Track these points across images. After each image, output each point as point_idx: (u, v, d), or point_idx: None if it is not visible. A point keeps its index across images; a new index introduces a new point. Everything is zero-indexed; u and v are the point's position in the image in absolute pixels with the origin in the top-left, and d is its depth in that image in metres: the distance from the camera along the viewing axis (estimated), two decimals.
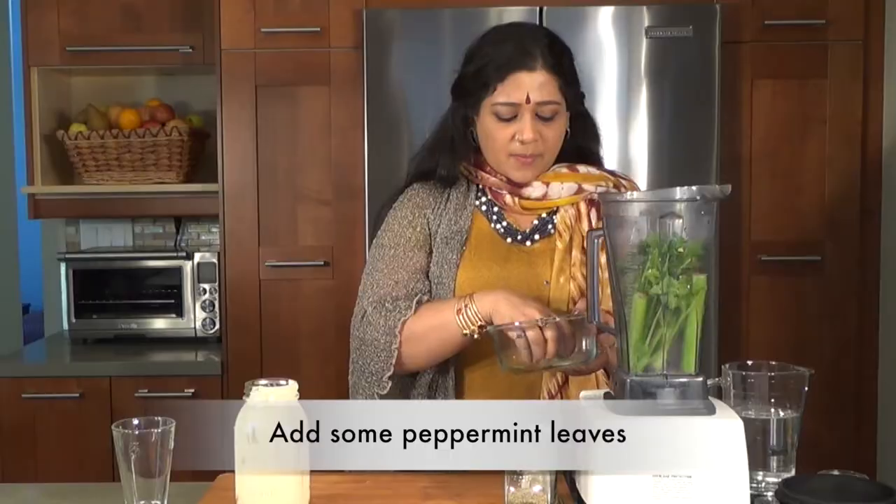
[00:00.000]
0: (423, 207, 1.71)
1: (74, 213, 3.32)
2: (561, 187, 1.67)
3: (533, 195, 1.68)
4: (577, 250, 1.64)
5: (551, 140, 1.64)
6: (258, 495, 1.28)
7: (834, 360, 2.82)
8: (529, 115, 1.61)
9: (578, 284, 1.63)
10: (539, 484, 1.27)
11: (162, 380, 2.87)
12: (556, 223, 1.68)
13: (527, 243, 1.69)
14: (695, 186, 1.24)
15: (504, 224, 1.71)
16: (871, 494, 1.18)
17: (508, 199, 1.69)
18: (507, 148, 1.64)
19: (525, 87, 1.59)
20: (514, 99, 1.60)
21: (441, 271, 1.66)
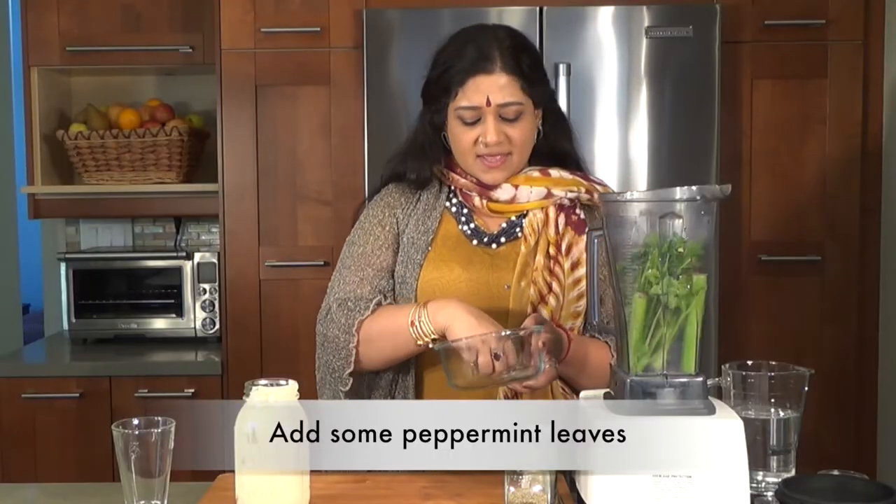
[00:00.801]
0: (393, 207, 1.73)
1: (74, 213, 3.32)
2: (530, 191, 1.67)
3: (501, 198, 1.68)
4: (541, 255, 1.64)
5: (518, 140, 1.64)
6: (258, 495, 1.28)
7: (834, 360, 2.82)
8: (492, 118, 1.61)
9: (539, 289, 1.63)
10: (539, 484, 1.27)
11: (162, 380, 2.87)
12: (524, 227, 1.68)
13: (493, 246, 1.69)
14: (695, 186, 1.24)
15: (472, 226, 1.71)
16: (871, 494, 1.18)
17: (477, 202, 1.70)
18: (473, 150, 1.64)
19: (484, 90, 1.60)
20: (475, 102, 1.61)
21: (405, 271, 1.67)
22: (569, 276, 1.64)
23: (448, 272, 1.65)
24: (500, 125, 1.62)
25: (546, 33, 2.69)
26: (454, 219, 1.72)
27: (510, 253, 1.67)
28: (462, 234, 1.71)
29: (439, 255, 1.68)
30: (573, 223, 1.67)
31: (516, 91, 1.61)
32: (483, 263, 1.67)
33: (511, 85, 1.61)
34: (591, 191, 1.69)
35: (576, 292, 1.64)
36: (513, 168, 1.67)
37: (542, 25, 2.69)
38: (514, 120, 1.63)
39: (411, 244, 1.69)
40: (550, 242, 1.65)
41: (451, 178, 1.72)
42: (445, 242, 1.69)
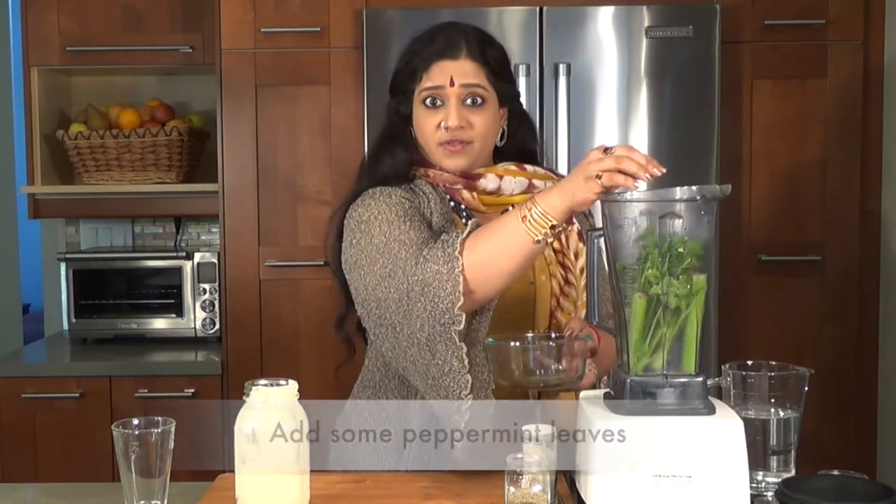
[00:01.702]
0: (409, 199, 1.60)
1: (74, 213, 3.32)
2: (513, 182, 1.65)
3: (489, 187, 1.64)
4: (548, 248, 1.63)
5: (480, 128, 1.62)
6: (258, 495, 1.28)
7: (834, 360, 2.82)
8: (455, 101, 1.60)
9: (559, 282, 1.63)
10: (539, 484, 1.27)
11: (162, 380, 2.87)
12: None
13: None
14: (695, 186, 1.24)
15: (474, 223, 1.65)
16: (871, 494, 1.18)
17: (466, 195, 1.65)
18: (435, 136, 1.62)
19: (449, 71, 1.60)
20: (439, 82, 1.60)
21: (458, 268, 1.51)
22: (575, 265, 1.66)
23: None
24: (462, 110, 1.61)
25: (546, 33, 2.69)
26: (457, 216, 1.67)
27: None
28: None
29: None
30: None
31: (481, 77, 1.61)
32: None
33: (476, 71, 1.61)
34: None
35: (583, 282, 1.65)
36: (474, 156, 1.63)
37: (542, 25, 2.69)
38: (478, 106, 1.62)
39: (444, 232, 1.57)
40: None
41: (433, 176, 1.66)
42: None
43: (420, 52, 1.64)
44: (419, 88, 1.63)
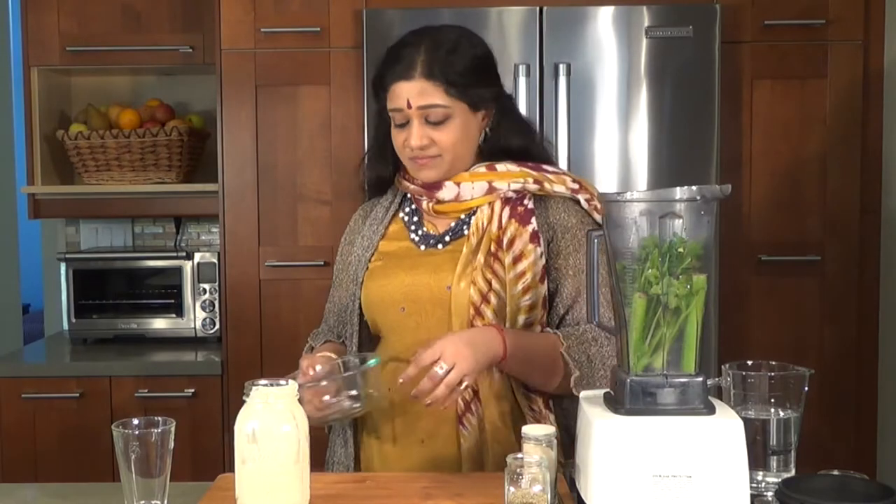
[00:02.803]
0: (352, 233, 1.82)
1: (74, 213, 3.32)
2: (472, 187, 1.66)
3: (446, 197, 1.68)
4: (482, 253, 1.63)
5: (445, 143, 1.63)
6: (258, 495, 1.28)
7: (834, 360, 2.82)
8: (417, 121, 1.63)
9: (479, 289, 1.61)
10: (539, 484, 1.27)
11: (162, 380, 2.87)
12: (470, 225, 1.67)
13: (439, 246, 1.70)
14: (695, 186, 1.24)
15: (420, 233, 1.73)
16: (871, 494, 1.18)
17: (425, 205, 1.71)
18: (405, 153, 1.67)
19: (405, 93, 1.62)
20: (398, 105, 1.63)
21: (355, 289, 1.72)
22: (510, 270, 1.62)
23: (394, 278, 1.67)
24: (425, 128, 1.63)
25: (546, 33, 2.69)
26: (406, 227, 1.74)
27: (454, 253, 1.66)
28: (412, 242, 1.72)
29: (386, 266, 1.70)
30: (518, 215, 1.65)
31: (439, 95, 1.61)
32: (426, 266, 1.67)
33: (433, 90, 1.61)
34: (541, 180, 1.67)
35: (520, 286, 1.62)
36: (445, 168, 1.66)
37: (542, 25, 2.69)
38: (441, 123, 1.62)
39: (357, 262, 1.74)
40: (492, 239, 1.64)
41: (403, 185, 1.75)
42: (395, 252, 1.72)
43: (383, 73, 1.67)
44: (387, 106, 1.67)
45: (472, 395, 1.60)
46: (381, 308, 1.68)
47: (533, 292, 1.62)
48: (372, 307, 1.70)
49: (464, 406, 1.60)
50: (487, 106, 1.68)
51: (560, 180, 1.68)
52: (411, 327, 1.65)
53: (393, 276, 1.67)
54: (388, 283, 1.67)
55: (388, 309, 1.67)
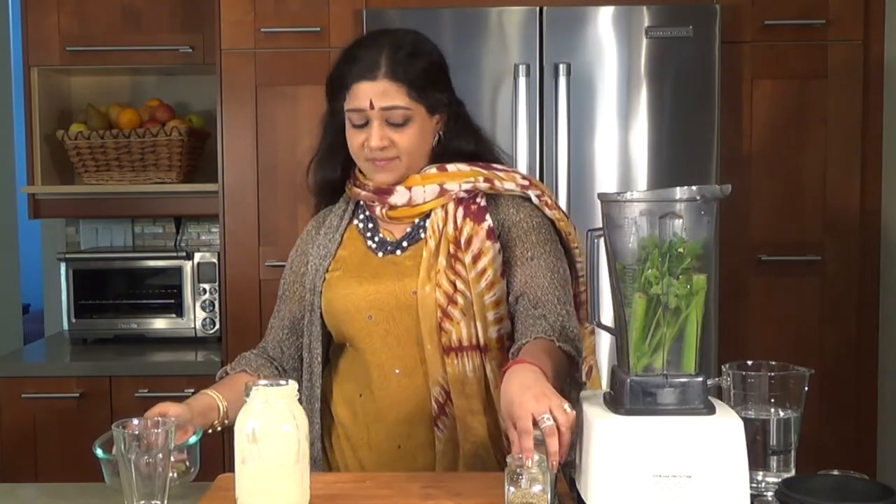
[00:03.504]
0: (305, 242, 1.79)
1: (74, 213, 3.32)
2: (423, 190, 1.65)
3: (398, 202, 1.67)
4: (443, 255, 1.62)
5: (404, 145, 1.63)
6: (258, 495, 1.28)
7: (834, 359, 2.82)
8: (378, 122, 1.62)
9: (445, 291, 1.60)
10: (539, 484, 1.27)
11: (162, 380, 2.87)
12: (426, 229, 1.67)
13: (397, 252, 1.69)
14: (695, 186, 1.24)
15: (377, 239, 1.71)
16: (871, 494, 1.18)
17: (378, 211, 1.69)
18: (362, 154, 1.65)
19: (368, 94, 1.61)
20: (359, 105, 1.62)
21: (312, 298, 1.70)
22: (471, 269, 1.61)
23: (357, 287, 1.65)
24: (385, 130, 1.62)
25: (546, 33, 2.69)
26: (361, 235, 1.73)
27: (415, 258, 1.66)
28: (369, 249, 1.71)
29: (348, 274, 1.68)
30: (472, 213, 1.65)
31: (401, 97, 1.61)
32: (389, 273, 1.66)
33: (395, 91, 1.61)
34: (491, 178, 1.66)
35: (483, 284, 1.61)
36: (402, 170, 1.65)
37: (542, 25, 2.69)
38: (401, 125, 1.62)
39: (314, 271, 1.72)
40: (450, 240, 1.63)
41: (354, 192, 1.73)
42: (353, 260, 1.70)
43: (342, 71, 1.65)
44: (345, 106, 1.65)
45: (444, 396, 1.61)
46: (347, 317, 1.66)
47: (497, 288, 1.62)
48: (336, 316, 1.67)
49: (437, 408, 1.61)
50: (442, 111, 1.68)
51: (510, 177, 1.68)
52: (380, 334, 1.64)
53: (356, 285, 1.66)
54: (351, 292, 1.65)
55: (353, 318, 1.65)
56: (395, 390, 1.63)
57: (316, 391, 1.69)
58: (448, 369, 1.60)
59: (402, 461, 1.64)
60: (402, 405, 1.63)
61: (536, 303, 1.60)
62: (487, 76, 2.68)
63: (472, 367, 1.60)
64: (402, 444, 1.64)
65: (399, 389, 1.63)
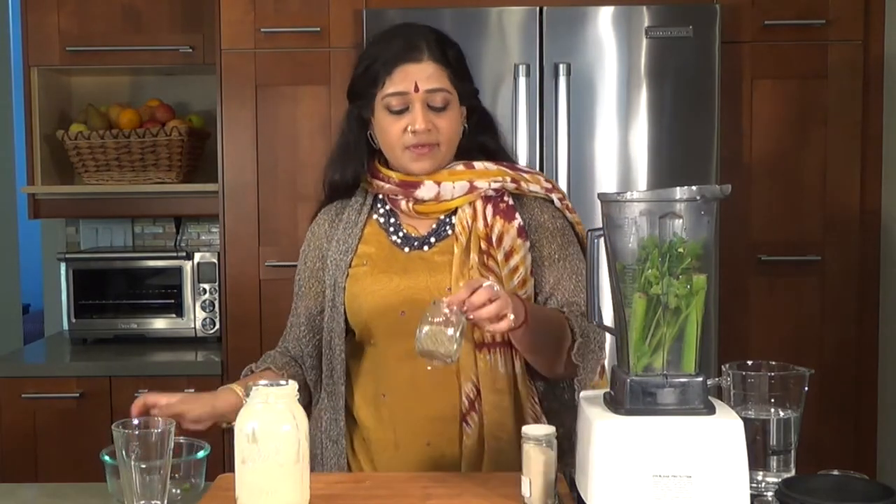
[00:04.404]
0: (318, 238, 1.75)
1: (74, 213, 3.32)
2: (453, 187, 1.65)
3: (425, 196, 1.65)
4: (474, 252, 1.62)
5: (445, 130, 1.62)
6: (258, 495, 1.28)
7: (834, 360, 2.82)
8: (420, 105, 1.60)
9: None
10: (452, 328, 1.30)
11: (162, 380, 2.87)
12: (455, 225, 1.66)
13: (424, 248, 1.67)
14: (695, 186, 1.24)
15: (401, 234, 1.69)
16: (871, 494, 1.18)
17: (403, 205, 1.67)
18: (402, 141, 1.62)
19: (413, 76, 1.60)
20: (403, 88, 1.60)
21: (334, 294, 1.67)
22: (503, 266, 1.62)
23: (387, 283, 1.64)
24: (427, 113, 1.61)
25: (546, 33, 2.69)
26: (383, 230, 1.70)
27: (445, 254, 1.65)
28: (393, 244, 1.69)
29: (376, 269, 1.66)
30: (501, 211, 1.65)
31: (444, 80, 1.61)
32: (421, 269, 1.64)
33: (439, 73, 1.61)
34: (518, 179, 1.67)
35: (516, 281, 1.62)
36: (440, 159, 1.64)
37: (542, 25, 2.69)
38: (442, 109, 1.62)
39: (335, 266, 1.68)
40: (480, 237, 1.63)
41: (376, 186, 1.70)
42: (379, 255, 1.68)
43: (380, 56, 1.63)
44: (381, 94, 1.63)
45: (475, 392, 1.60)
46: (377, 313, 1.64)
47: (528, 286, 1.63)
48: (363, 312, 1.65)
49: (468, 404, 1.60)
50: (469, 101, 1.69)
51: (535, 180, 1.69)
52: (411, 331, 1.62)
53: (385, 281, 1.64)
54: (381, 287, 1.64)
55: (384, 314, 1.63)
56: (426, 387, 1.61)
57: (340, 388, 1.67)
58: (479, 364, 1.60)
59: (429, 459, 1.61)
60: (433, 402, 1.61)
61: (563, 305, 1.63)
62: (487, 76, 2.67)
63: (503, 363, 1.61)
64: (431, 441, 1.62)
65: (430, 386, 1.60)
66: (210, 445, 1.43)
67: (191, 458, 1.41)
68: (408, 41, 1.62)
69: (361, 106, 1.67)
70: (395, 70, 1.61)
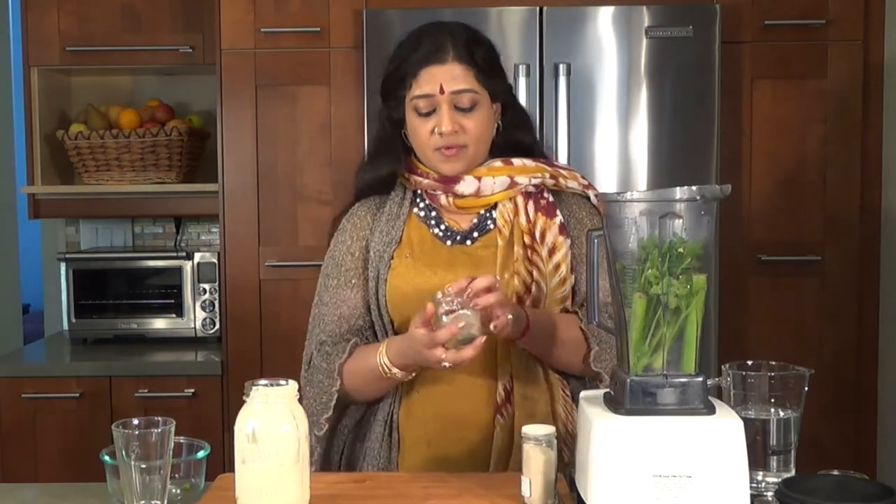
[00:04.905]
0: (361, 229, 1.72)
1: (74, 213, 3.32)
2: (493, 182, 1.66)
3: (466, 192, 1.66)
4: (518, 245, 1.64)
5: (473, 131, 1.63)
6: (258, 495, 1.28)
7: (834, 359, 2.82)
8: (447, 107, 1.61)
9: (523, 279, 1.62)
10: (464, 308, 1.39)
11: (162, 380, 2.87)
12: (496, 219, 1.67)
13: (467, 243, 1.68)
14: (695, 186, 1.24)
15: (442, 228, 1.69)
16: (871, 494, 1.18)
17: (443, 200, 1.68)
18: (430, 142, 1.63)
19: (438, 78, 1.60)
20: (428, 91, 1.61)
21: (377, 286, 1.66)
22: (547, 263, 1.63)
23: (432, 276, 1.64)
24: (454, 115, 1.61)
25: (546, 33, 2.69)
26: (424, 223, 1.71)
27: (488, 247, 1.66)
28: (435, 237, 1.69)
29: (419, 262, 1.66)
30: (542, 208, 1.66)
31: (470, 80, 1.62)
32: (465, 263, 1.65)
33: (465, 74, 1.61)
34: (556, 176, 1.69)
35: (557, 278, 1.63)
36: (470, 159, 1.65)
37: (542, 25, 2.69)
38: (469, 110, 1.62)
39: (378, 257, 1.67)
40: (524, 231, 1.64)
41: (414, 181, 1.70)
42: (422, 249, 1.68)
43: (407, 58, 1.64)
44: (409, 96, 1.64)
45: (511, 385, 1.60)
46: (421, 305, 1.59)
47: (567, 284, 1.64)
48: (407, 305, 1.63)
49: (504, 396, 1.60)
50: (501, 98, 1.68)
51: (572, 176, 1.71)
52: None
53: (429, 274, 1.64)
54: (426, 281, 1.63)
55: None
56: (464, 380, 1.61)
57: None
58: (513, 357, 1.61)
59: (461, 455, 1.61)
60: (470, 395, 1.61)
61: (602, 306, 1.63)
62: None
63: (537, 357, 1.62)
64: (464, 436, 1.61)
65: (468, 379, 1.61)
66: (210, 445, 1.43)
67: (191, 458, 1.40)
68: (434, 42, 1.62)
69: (393, 107, 1.69)
70: (420, 72, 1.62)
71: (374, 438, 1.66)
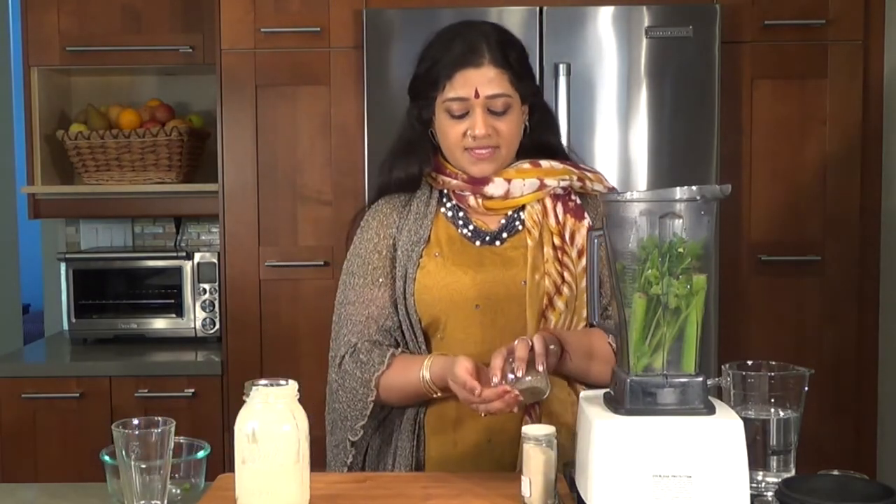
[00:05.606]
0: (387, 226, 1.70)
1: (74, 213, 3.32)
2: (522, 184, 1.66)
3: (495, 194, 1.66)
4: (547, 246, 1.64)
5: (506, 134, 1.63)
6: (258, 495, 1.28)
7: (834, 359, 2.82)
8: (480, 110, 1.60)
9: (553, 281, 1.62)
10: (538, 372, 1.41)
11: (162, 380, 2.87)
12: (525, 220, 1.67)
13: (496, 244, 1.68)
14: (695, 186, 1.24)
15: (471, 228, 1.69)
16: (871, 494, 1.18)
17: (472, 201, 1.68)
18: (462, 144, 1.63)
19: (473, 82, 1.59)
20: (463, 94, 1.60)
21: (405, 285, 1.65)
22: (577, 264, 1.64)
23: (462, 276, 1.63)
24: (488, 118, 1.61)
25: (546, 33, 2.69)
26: (452, 223, 1.70)
27: (517, 248, 1.66)
28: (464, 237, 1.68)
29: (449, 261, 1.65)
30: (571, 210, 1.67)
31: (505, 84, 1.61)
32: (494, 263, 1.65)
33: (500, 78, 1.61)
34: (583, 178, 1.69)
35: (583, 283, 1.64)
36: (500, 161, 1.65)
37: (542, 25, 2.69)
38: (503, 113, 1.62)
39: (407, 257, 1.66)
40: (553, 233, 1.65)
41: (443, 181, 1.69)
42: (451, 248, 1.67)
43: (440, 59, 1.62)
44: (441, 98, 1.63)
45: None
46: (451, 305, 1.62)
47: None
48: (435, 304, 1.63)
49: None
50: (530, 100, 1.68)
51: (598, 178, 1.72)
52: (485, 324, 1.62)
53: (460, 273, 1.63)
54: (456, 280, 1.63)
55: (459, 306, 1.62)
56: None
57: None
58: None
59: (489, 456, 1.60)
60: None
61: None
62: None
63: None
64: (493, 437, 1.61)
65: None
66: (210, 445, 1.43)
67: (191, 458, 1.40)
68: (468, 44, 1.61)
69: (422, 106, 1.67)
70: (455, 75, 1.60)
71: (403, 439, 1.65)
